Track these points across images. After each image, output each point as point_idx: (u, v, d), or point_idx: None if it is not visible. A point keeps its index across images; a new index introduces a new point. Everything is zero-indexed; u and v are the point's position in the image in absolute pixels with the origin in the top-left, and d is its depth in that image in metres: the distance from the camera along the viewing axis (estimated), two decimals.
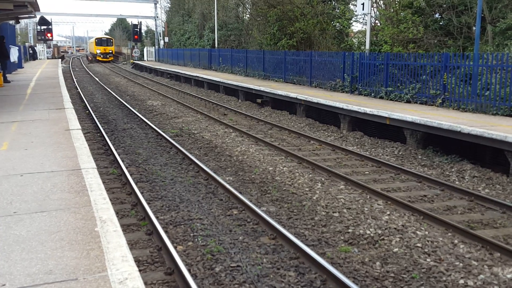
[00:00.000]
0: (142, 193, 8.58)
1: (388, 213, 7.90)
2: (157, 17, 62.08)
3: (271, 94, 19.81)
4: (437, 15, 20.27)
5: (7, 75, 23.41)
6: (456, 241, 6.83)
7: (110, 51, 71.58)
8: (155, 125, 15.79)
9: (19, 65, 34.14)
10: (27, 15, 27.56)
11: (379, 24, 23.58)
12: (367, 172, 10.51)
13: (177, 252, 6.13)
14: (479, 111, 12.93)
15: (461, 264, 6.13)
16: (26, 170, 7.04)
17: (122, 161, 10.85)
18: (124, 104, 21.70)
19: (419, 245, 6.69)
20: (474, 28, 16.72)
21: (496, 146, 10.00)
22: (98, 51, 70.74)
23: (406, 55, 16.13)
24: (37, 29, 59.29)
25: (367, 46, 19.64)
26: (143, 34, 69.34)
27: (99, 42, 71.82)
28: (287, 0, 28.58)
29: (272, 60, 24.87)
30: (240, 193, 8.71)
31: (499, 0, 17.75)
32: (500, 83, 12.59)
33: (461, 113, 12.86)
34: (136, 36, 62.15)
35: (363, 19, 23.95)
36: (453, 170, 10.60)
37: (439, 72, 14.33)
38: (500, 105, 12.47)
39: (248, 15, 39.35)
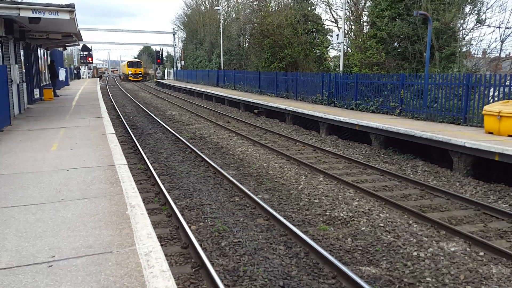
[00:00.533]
0: (163, 184, 8.56)
1: (357, 199, 7.90)
2: (175, 45, 62.08)
3: (265, 106, 19.79)
4: (395, 44, 20.29)
5: (56, 91, 23.36)
6: (410, 222, 6.83)
7: (139, 72, 66.47)
8: (173, 130, 15.74)
9: (66, 83, 34.09)
10: (72, 43, 27.57)
11: (350, 50, 23.60)
12: (341, 168, 10.50)
13: (191, 230, 6.12)
14: (429, 120, 12.95)
15: (414, 240, 6.14)
16: (71, 166, 7.03)
17: (148, 158, 10.81)
18: (149, 113, 21.64)
19: (381, 225, 6.69)
20: (425, 54, 16.75)
21: (442, 147, 10.02)
22: (130, 72, 66.00)
23: (371, 75, 16.15)
24: (80, 54, 59.18)
25: (341, 68, 19.69)
26: (164, 58, 69.17)
27: (131, 64, 67.22)
28: (278, 32, 28.60)
29: (266, 79, 24.86)
30: (241, 184, 8.69)
31: (444, 32, 17.78)
32: (445, 97, 12.63)
33: (414, 121, 12.88)
34: (158, 60, 62.13)
35: (338, 47, 23.96)
36: (408, 165, 10.61)
37: (397, 88, 14.36)
38: (445, 114, 12.50)
39: (247, 44, 39.33)
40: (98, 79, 58.49)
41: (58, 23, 13.63)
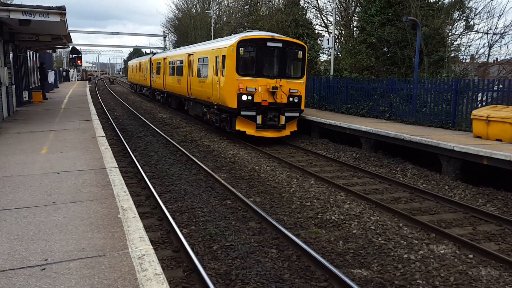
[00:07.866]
0: (154, 187, 8.53)
1: (348, 202, 7.96)
2: (166, 47, 61.87)
3: None
4: (385, 49, 20.50)
5: (45, 93, 23.14)
6: (401, 224, 6.90)
7: (296, 92, 13.20)
8: (164, 133, 15.68)
9: (55, 85, 33.80)
10: (61, 46, 27.34)
11: (340, 55, 23.77)
12: (332, 171, 10.57)
13: (183, 234, 6.10)
14: (418, 124, 13.11)
15: (405, 242, 6.20)
16: (62, 169, 6.97)
17: (138, 162, 10.77)
18: (139, 116, 21.51)
19: (372, 227, 6.75)
20: (414, 59, 16.96)
21: (431, 150, 10.15)
22: (249, 88, 12.70)
23: (361, 80, 16.31)
24: (69, 56, 58.65)
25: (332, 72, 19.83)
26: None
27: (267, 49, 12.85)
28: None
29: None
30: (233, 187, 8.69)
31: (433, 37, 18.02)
32: (434, 102, 12.80)
33: (404, 125, 13.02)
34: None
35: (328, 52, 24.13)
36: (398, 169, 10.71)
37: (387, 93, 14.51)
38: (434, 119, 12.66)
39: None
40: (87, 81, 58.01)
41: (48, 25, 13.52)
